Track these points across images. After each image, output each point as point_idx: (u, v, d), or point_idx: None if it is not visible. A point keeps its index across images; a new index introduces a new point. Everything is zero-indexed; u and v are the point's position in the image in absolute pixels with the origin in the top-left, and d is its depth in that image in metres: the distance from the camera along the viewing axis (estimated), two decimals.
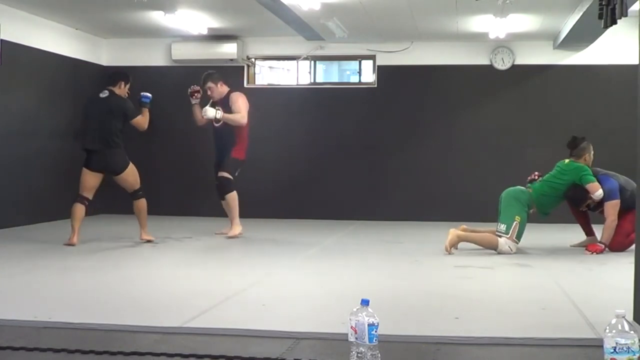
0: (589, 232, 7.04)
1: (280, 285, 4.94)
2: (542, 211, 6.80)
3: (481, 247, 6.60)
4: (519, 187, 6.87)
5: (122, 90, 7.11)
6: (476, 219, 9.38)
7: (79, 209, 6.85)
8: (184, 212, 9.87)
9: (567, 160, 6.81)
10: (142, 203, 7.07)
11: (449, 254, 6.39)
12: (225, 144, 7.58)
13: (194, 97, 7.70)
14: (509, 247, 6.45)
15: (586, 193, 6.63)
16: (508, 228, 6.50)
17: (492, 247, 6.50)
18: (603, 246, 6.48)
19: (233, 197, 7.52)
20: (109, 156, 6.96)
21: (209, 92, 7.63)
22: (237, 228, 7.53)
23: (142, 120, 7.06)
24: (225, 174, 7.52)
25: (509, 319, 3.83)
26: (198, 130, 8.11)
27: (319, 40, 9.70)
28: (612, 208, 6.53)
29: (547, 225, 7.89)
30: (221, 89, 7.65)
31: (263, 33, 9.67)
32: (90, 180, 6.99)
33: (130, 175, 7.05)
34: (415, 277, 5.27)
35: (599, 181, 6.62)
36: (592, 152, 6.85)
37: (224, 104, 7.58)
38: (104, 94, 7.05)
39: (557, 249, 6.90)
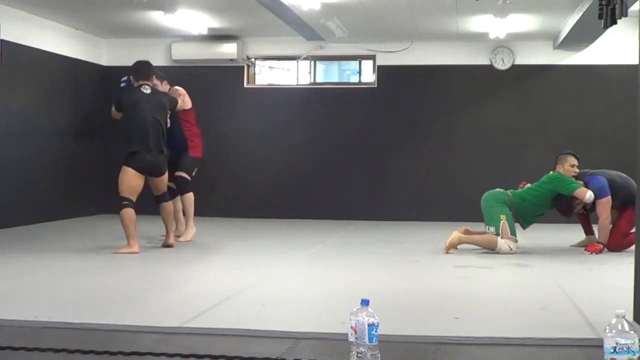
0: (588, 231, 7.05)
1: (280, 285, 4.94)
2: (522, 219, 6.77)
3: (481, 248, 6.60)
4: (497, 189, 6.89)
5: (156, 83, 6.79)
6: (476, 219, 9.35)
7: (131, 213, 6.25)
8: (183, 212, 9.84)
9: (551, 172, 6.82)
10: (170, 206, 6.72)
11: (447, 253, 6.41)
12: (178, 144, 7.25)
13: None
14: (509, 246, 6.45)
15: (571, 201, 6.61)
16: (497, 229, 6.51)
17: (492, 248, 6.50)
18: (601, 246, 6.48)
19: (189, 199, 7.26)
20: (160, 157, 6.50)
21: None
22: (192, 231, 7.27)
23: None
24: (183, 174, 7.26)
25: (509, 319, 3.83)
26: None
27: (319, 40, 9.70)
28: (602, 207, 6.51)
29: (547, 225, 7.89)
30: (164, 87, 7.32)
31: (263, 33, 9.67)
32: (138, 182, 6.35)
33: (166, 178, 6.65)
34: (415, 277, 5.26)
35: (585, 183, 6.61)
36: (572, 163, 6.73)
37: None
38: (146, 89, 6.52)
39: (557, 249, 6.90)
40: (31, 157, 8.70)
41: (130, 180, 6.29)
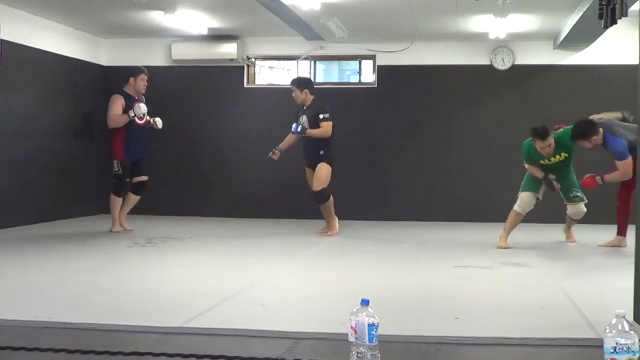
0: (621, 232, 6.81)
1: (280, 285, 4.94)
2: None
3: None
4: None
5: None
6: (476, 219, 9.41)
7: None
8: (184, 212, 9.86)
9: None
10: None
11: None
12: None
13: None
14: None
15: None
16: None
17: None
18: (598, 180, 6.50)
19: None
20: None
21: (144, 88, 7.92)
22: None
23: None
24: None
25: (509, 319, 3.83)
26: (198, 130, 8.10)
27: (319, 40, 9.70)
28: (624, 165, 6.36)
29: (547, 225, 7.90)
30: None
31: (263, 33, 9.67)
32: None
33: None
34: (415, 277, 5.26)
35: (605, 139, 6.54)
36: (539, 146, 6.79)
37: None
38: None
39: (556, 249, 6.90)
40: (31, 157, 8.69)
41: (308, 176, 8.02)
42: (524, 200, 6.85)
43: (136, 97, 7.91)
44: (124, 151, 7.84)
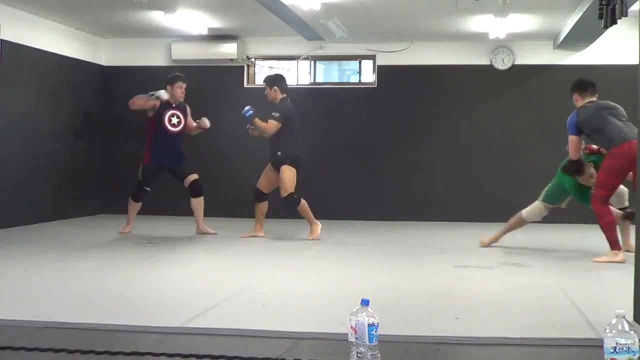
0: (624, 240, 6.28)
1: (280, 285, 4.93)
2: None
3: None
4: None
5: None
6: (476, 219, 9.41)
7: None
8: (184, 212, 9.84)
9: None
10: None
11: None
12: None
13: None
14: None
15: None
16: None
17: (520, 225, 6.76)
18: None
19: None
20: None
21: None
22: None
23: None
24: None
25: (509, 319, 3.83)
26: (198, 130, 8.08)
27: (319, 40, 9.70)
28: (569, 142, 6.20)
29: (547, 225, 7.89)
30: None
31: (263, 33, 9.68)
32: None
33: None
34: (415, 277, 5.26)
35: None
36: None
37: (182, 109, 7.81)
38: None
39: (556, 249, 6.90)
40: (31, 157, 8.70)
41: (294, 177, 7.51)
42: (534, 211, 6.62)
43: (174, 105, 7.67)
44: (150, 155, 7.66)
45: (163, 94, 7.56)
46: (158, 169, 7.74)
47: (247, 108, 7.49)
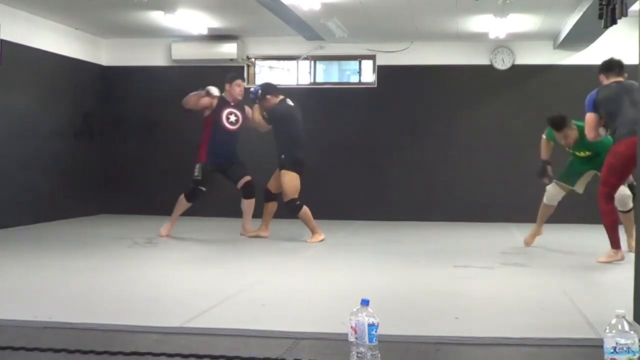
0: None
1: (280, 285, 4.93)
2: None
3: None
4: None
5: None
6: (476, 219, 9.41)
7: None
8: (184, 212, 9.84)
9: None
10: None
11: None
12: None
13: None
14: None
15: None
16: None
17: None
18: None
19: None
20: None
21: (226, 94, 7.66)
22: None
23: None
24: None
25: (509, 319, 3.83)
26: (198, 130, 8.08)
27: (319, 40, 9.70)
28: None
29: (547, 225, 7.88)
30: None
31: (263, 33, 9.68)
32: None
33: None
34: (416, 277, 5.26)
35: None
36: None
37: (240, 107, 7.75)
38: (290, 102, 7.52)
39: (556, 249, 6.90)
40: (31, 157, 8.70)
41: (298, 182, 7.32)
42: (549, 192, 6.85)
43: (232, 103, 7.62)
44: (206, 154, 7.56)
45: (214, 90, 7.53)
46: (214, 168, 7.65)
47: (255, 88, 7.57)
